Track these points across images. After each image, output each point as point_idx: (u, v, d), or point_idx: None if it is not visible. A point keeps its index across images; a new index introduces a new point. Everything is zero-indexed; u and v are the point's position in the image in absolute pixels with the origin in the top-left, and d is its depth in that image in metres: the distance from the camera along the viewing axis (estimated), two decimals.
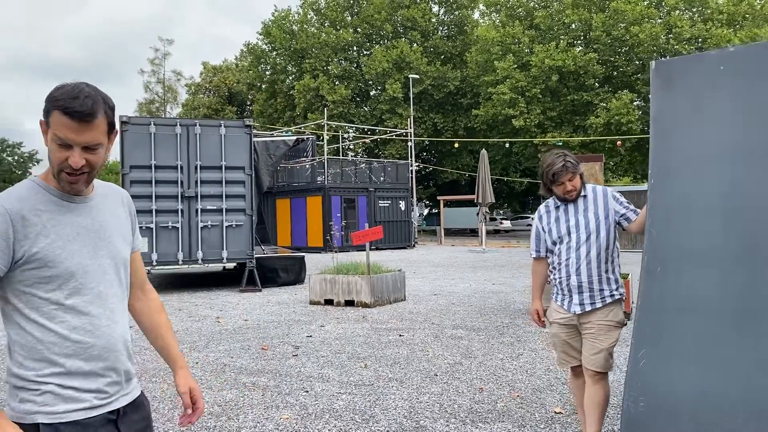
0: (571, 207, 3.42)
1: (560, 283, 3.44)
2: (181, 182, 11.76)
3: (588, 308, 3.35)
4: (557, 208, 3.48)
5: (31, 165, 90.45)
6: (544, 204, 3.62)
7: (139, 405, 1.76)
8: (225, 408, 4.62)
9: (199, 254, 11.90)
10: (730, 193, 2.73)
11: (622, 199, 3.43)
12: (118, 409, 1.67)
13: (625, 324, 3.54)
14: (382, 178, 28.44)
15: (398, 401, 4.72)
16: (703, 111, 2.86)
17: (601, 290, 3.33)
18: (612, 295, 3.36)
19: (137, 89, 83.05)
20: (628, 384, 2.98)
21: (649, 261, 2.93)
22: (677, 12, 32.40)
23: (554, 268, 3.49)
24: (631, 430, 2.96)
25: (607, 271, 3.34)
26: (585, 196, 3.42)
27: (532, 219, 37.93)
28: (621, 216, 3.35)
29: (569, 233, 3.39)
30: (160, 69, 57.29)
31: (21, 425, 1.53)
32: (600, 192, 3.43)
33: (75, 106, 1.51)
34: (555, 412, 4.41)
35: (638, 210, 3.34)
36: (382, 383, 5.22)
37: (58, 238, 1.58)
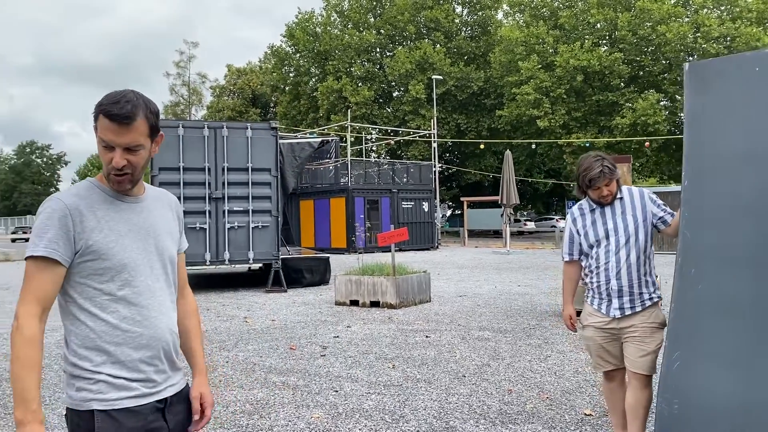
0: (607, 209, 3.38)
1: (598, 287, 3.38)
2: (209, 184, 11.92)
3: (628, 312, 3.30)
4: (593, 210, 3.43)
5: (59, 167, 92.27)
6: (577, 206, 3.55)
7: (185, 397, 1.85)
8: (257, 406, 4.69)
9: (226, 255, 12.05)
10: (763, 195, 2.71)
11: (659, 201, 3.39)
12: (165, 399, 1.77)
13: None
14: (405, 179, 28.46)
15: (427, 402, 4.74)
16: (737, 112, 2.84)
17: (641, 294, 3.30)
18: (651, 299, 3.32)
19: (162, 92, 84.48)
20: (662, 386, 2.97)
21: (683, 263, 2.91)
22: (705, 11, 31.89)
23: (590, 271, 3.43)
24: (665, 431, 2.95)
25: (645, 274, 3.31)
26: (621, 198, 3.37)
27: (557, 220, 37.44)
28: (659, 219, 3.31)
29: (607, 236, 3.33)
30: (185, 72, 58.12)
31: (78, 412, 1.65)
32: (636, 194, 3.39)
33: (115, 110, 1.63)
34: (585, 414, 4.40)
35: (674, 212, 3.32)
36: (411, 384, 5.25)
37: (111, 233, 1.69)
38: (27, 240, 45.61)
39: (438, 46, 40.14)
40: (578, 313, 3.64)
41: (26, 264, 1.65)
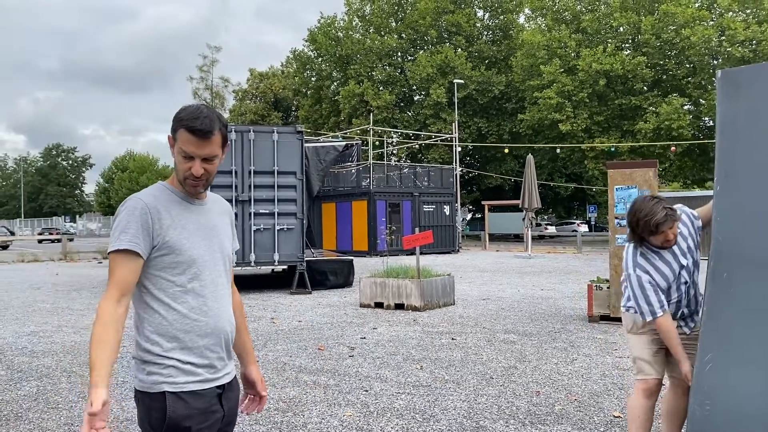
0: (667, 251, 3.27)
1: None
2: (235, 186, 12.12)
3: (692, 325, 3.36)
4: (656, 253, 3.24)
5: (84, 169, 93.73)
6: (639, 253, 3.26)
7: (235, 386, 2.04)
8: (290, 404, 4.82)
9: (252, 257, 12.24)
10: None
11: (693, 213, 3.37)
12: (223, 385, 1.94)
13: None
14: (426, 183, 28.53)
15: (456, 402, 4.83)
16: None
17: (696, 311, 3.34)
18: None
19: (185, 95, 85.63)
20: (695, 388, 3.02)
21: (715, 267, 2.97)
22: (730, 14, 31.55)
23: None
24: None
25: (700, 292, 3.31)
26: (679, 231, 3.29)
27: (578, 225, 37.09)
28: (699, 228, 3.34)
29: (680, 272, 3.25)
30: (208, 76, 58.83)
31: (149, 394, 1.81)
32: (686, 217, 3.32)
33: (197, 125, 1.83)
34: (614, 416, 4.45)
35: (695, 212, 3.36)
36: (439, 384, 5.34)
37: (183, 231, 1.88)
38: (53, 241, 46.56)
39: (459, 50, 40.20)
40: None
41: (110, 257, 1.82)
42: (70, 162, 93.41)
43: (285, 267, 14.07)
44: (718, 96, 3.06)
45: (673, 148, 29.43)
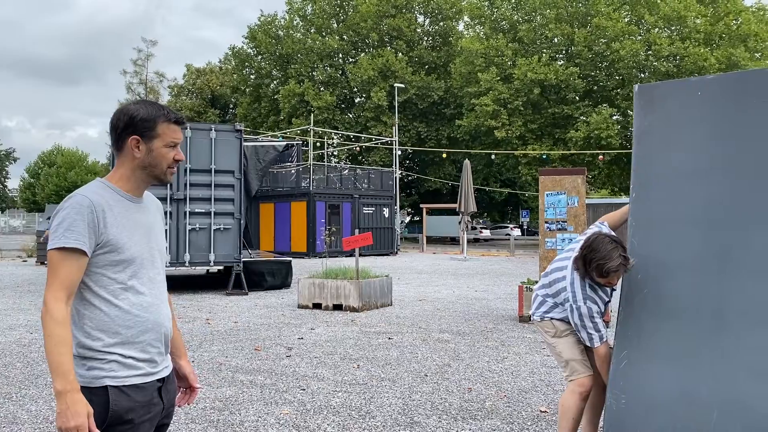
0: None
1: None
2: (170, 184, 11.88)
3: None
4: (591, 287, 3.34)
5: (8, 163, 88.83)
6: (587, 285, 3.32)
7: (173, 378, 2.10)
8: (226, 403, 4.82)
9: (187, 257, 12.02)
10: (704, 207, 3.03)
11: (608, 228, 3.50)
12: (163, 378, 2.00)
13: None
14: (366, 185, 28.69)
15: (392, 399, 4.96)
16: (681, 131, 3.16)
17: None
18: None
19: (118, 89, 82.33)
20: (612, 383, 3.24)
21: (631, 270, 3.20)
22: (656, 30, 33.23)
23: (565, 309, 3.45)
24: (613, 426, 3.21)
25: None
26: None
27: (511, 229, 37.97)
28: None
29: (611, 296, 3.40)
30: (143, 70, 57.08)
31: (90, 389, 1.82)
32: None
33: (176, 116, 1.99)
34: (540, 411, 4.68)
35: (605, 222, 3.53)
36: (376, 382, 5.46)
37: (125, 229, 1.92)
38: None
39: (400, 54, 40.61)
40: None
41: (53, 254, 1.81)
42: None
43: (221, 268, 13.88)
44: (635, 109, 3.31)
45: (601, 157, 30.72)
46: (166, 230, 11.74)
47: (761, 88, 2.95)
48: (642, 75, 33.42)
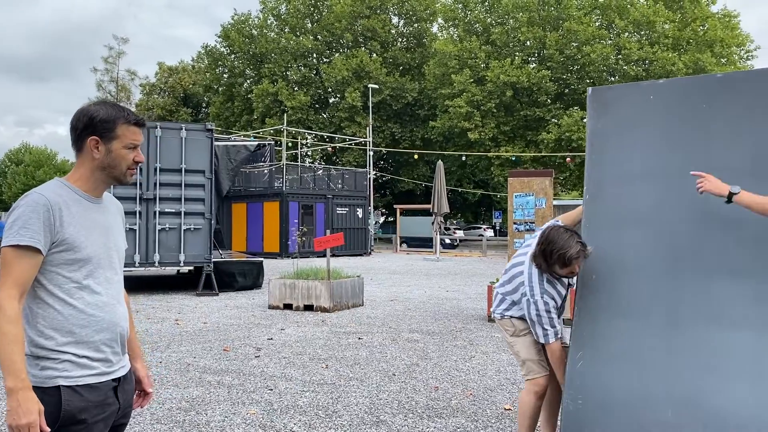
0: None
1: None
2: (140, 184, 11.75)
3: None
4: (549, 282, 3.39)
5: None
6: (545, 279, 3.36)
7: (130, 378, 2.11)
8: (192, 404, 4.80)
9: (156, 257, 11.90)
10: (655, 208, 3.12)
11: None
12: (118, 378, 2.00)
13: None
14: (340, 186, 28.67)
15: (359, 398, 4.99)
16: (632, 134, 3.25)
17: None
18: None
19: (89, 87, 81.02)
20: (568, 384, 3.30)
21: (585, 271, 3.28)
22: (626, 34, 33.85)
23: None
24: (570, 426, 3.27)
25: None
26: None
27: (484, 230, 38.31)
28: None
29: (565, 292, 3.47)
30: (114, 68, 56.18)
31: (43, 389, 1.82)
32: None
33: (136, 117, 2.01)
34: (505, 409, 4.76)
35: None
36: (344, 382, 5.49)
37: (82, 229, 1.93)
38: None
39: (374, 55, 40.66)
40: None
41: (6, 251, 1.82)
42: None
43: (191, 268, 13.77)
44: (588, 111, 3.40)
45: (569, 159, 31.16)
46: (135, 230, 11.66)
47: (709, 93, 3.06)
48: (612, 78, 34.00)
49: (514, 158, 31.80)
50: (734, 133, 3.02)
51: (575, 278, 3.40)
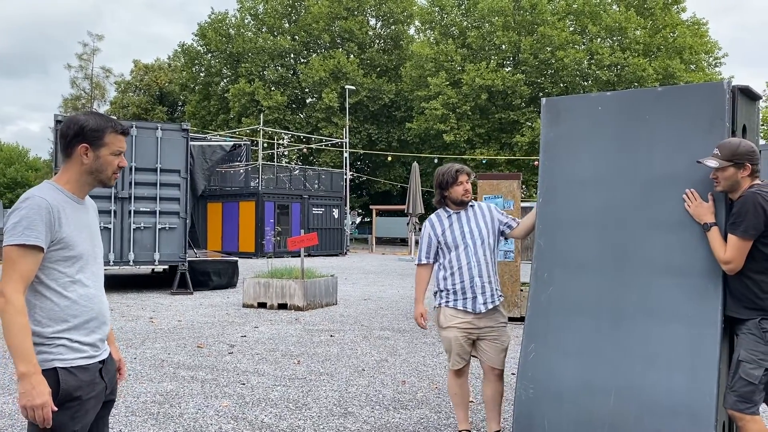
0: (462, 216, 3.90)
1: (462, 287, 3.82)
2: (115, 183, 11.77)
3: (490, 306, 3.83)
4: (449, 217, 3.90)
5: None
6: (435, 214, 4.00)
7: (111, 360, 2.36)
8: (167, 397, 4.95)
9: (131, 256, 11.94)
10: (603, 211, 3.38)
11: (503, 212, 4.03)
12: (103, 360, 2.26)
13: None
14: (316, 186, 28.78)
15: (329, 392, 5.19)
16: (583, 142, 3.51)
17: (495, 289, 3.87)
18: (500, 296, 3.94)
19: (63, 84, 79.79)
20: (520, 375, 3.53)
21: (538, 268, 3.53)
22: (599, 40, 34.52)
23: (451, 274, 3.86)
24: (522, 415, 3.49)
25: (495, 273, 3.91)
26: (473, 206, 3.95)
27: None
28: (504, 224, 3.95)
29: (464, 238, 3.83)
30: (88, 65, 55.45)
31: (42, 371, 2.04)
32: (485, 206, 4.00)
33: (123, 127, 2.25)
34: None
35: (518, 219, 3.99)
36: (314, 377, 5.68)
37: (75, 228, 2.17)
38: None
39: (352, 56, 40.82)
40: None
41: (12, 249, 2.02)
42: None
43: (166, 267, 13.81)
44: (542, 120, 3.65)
45: (536, 162, 31.71)
46: (110, 229, 11.69)
47: (651, 105, 3.32)
48: (585, 83, 34.65)
49: (484, 161, 32.22)
50: (674, 142, 3.28)
51: (496, 219, 3.91)
